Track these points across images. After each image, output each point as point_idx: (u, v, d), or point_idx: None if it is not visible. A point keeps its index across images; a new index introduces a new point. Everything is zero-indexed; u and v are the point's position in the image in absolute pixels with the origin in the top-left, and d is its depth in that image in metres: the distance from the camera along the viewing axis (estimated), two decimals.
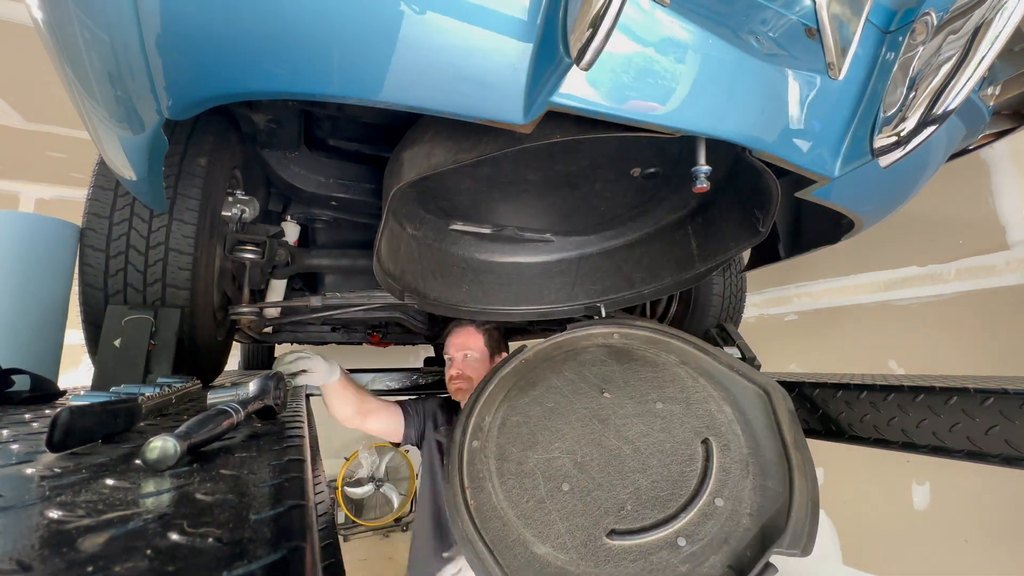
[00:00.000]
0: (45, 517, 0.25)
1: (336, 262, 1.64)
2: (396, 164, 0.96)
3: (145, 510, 0.27)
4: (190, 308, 1.01)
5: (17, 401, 0.74)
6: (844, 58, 0.67)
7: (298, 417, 0.63)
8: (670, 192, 1.32)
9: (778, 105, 0.74)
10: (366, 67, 0.57)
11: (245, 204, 1.20)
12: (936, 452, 0.85)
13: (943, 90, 0.61)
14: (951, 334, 1.80)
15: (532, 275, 1.52)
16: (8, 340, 0.93)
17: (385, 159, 1.07)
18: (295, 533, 0.24)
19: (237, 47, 0.56)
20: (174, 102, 0.62)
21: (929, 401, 0.87)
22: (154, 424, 0.56)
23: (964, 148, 1.13)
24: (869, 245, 2.02)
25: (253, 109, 1.11)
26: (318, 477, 0.86)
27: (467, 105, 0.62)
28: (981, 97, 0.95)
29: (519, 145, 0.74)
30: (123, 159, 0.76)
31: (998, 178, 1.72)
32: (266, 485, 0.32)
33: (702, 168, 0.83)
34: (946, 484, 1.79)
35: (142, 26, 0.55)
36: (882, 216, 1.16)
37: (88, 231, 0.98)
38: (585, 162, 1.18)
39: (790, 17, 0.71)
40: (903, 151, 0.68)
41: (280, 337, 2.42)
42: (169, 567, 0.20)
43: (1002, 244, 1.69)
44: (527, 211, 1.39)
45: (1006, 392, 0.77)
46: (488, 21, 0.55)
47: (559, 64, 0.58)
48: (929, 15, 0.66)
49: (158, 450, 0.35)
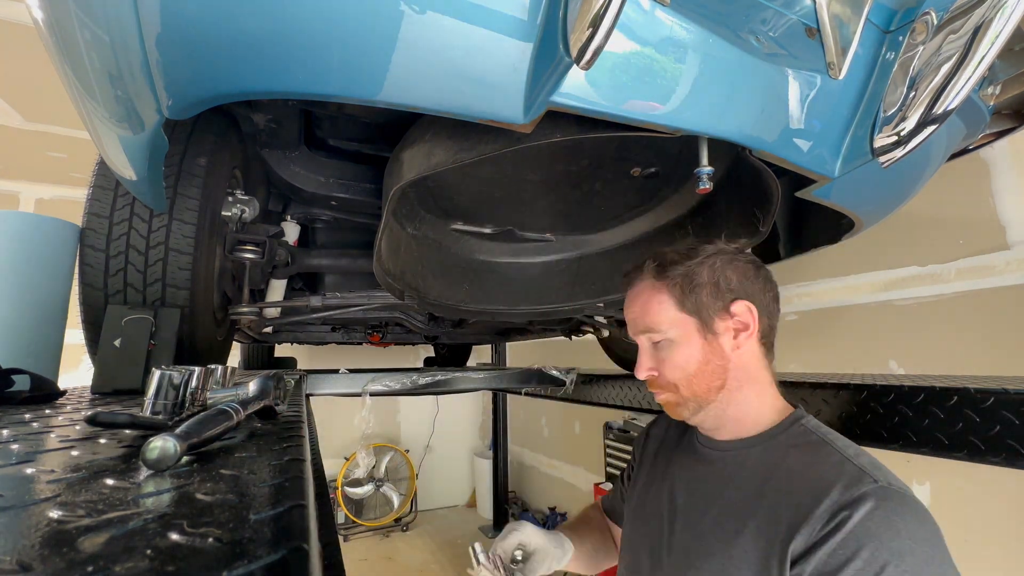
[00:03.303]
0: (45, 517, 0.25)
1: (336, 262, 1.64)
2: (396, 164, 0.96)
3: (145, 510, 0.27)
4: (190, 308, 1.01)
5: (17, 401, 0.74)
6: (844, 58, 0.67)
7: (298, 417, 0.63)
8: (670, 192, 1.32)
9: (778, 105, 0.74)
10: (366, 67, 0.57)
11: (245, 204, 1.20)
12: (936, 452, 0.85)
13: (943, 90, 0.61)
14: (951, 334, 1.80)
15: (532, 275, 1.52)
16: (8, 340, 0.93)
17: (385, 159, 1.07)
18: (295, 533, 0.24)
19: (237, 46, 0.56)
20: (174, 102, 0.62)
21: (929, 401, 0.87)
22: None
23: (964, 148, 1.13)
24: (869, 245, 2.02)
25: (253, 109, 1.11)
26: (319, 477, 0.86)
27: (467, 105, 0.62)
28: (981, 97, 0.95)
29: (519, 145, 0.74)
30: (123, 159, 0.76)
31: (998, 178, 1.72)
32: (266, 485, 0.32)
33: (705, 169, 0.83)
34: (946, 484, 1.79)
35: (142, 26, 0.55)
36: (882, 216, 1.16)
37: (88, 231, 0.98)
38: (585, 162, 1.18)
39: (790, 17, 0.71)
40: (903, 151, 0.68)
41: (280, 337, 2.42)
42: (169, 567, 0.20)
43: (1002, 244, 1.69)
44: (527, 211, 1.39)
45: (1006, 392, 0.77)
46: (488, 20, 0.55)
47: (559, 63, 0.58)
48: (929, 15, 0.66)
49: (158, 450, 0.35)
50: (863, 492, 0.56)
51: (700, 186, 0.84)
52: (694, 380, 0.72)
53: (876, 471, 0.60)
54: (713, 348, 0.72)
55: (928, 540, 0.54)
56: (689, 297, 0.72)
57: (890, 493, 0.56)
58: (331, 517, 0.54)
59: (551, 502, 4.50)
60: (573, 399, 1.90)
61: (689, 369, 0.72)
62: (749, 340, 0.73)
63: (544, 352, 4.56)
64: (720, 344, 0.72)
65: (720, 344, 0.72)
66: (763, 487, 0.66)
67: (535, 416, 4.90)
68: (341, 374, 1.65)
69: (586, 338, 2.44)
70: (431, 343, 3.12)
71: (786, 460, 0.67)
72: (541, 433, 4.82)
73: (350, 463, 4.48)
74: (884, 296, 2.02)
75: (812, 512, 0.58)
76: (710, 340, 0.72)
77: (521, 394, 2.25)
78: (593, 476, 3.75)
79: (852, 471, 0.60)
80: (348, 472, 4.48)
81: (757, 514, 0.64)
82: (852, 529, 0.54)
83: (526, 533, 0.89)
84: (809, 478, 0.62)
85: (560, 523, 4.13)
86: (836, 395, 1.03)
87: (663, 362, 0.75)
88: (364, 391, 1.61)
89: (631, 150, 1.14)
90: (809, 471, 0.63)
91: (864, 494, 0.56)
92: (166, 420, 0.50)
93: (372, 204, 1.40)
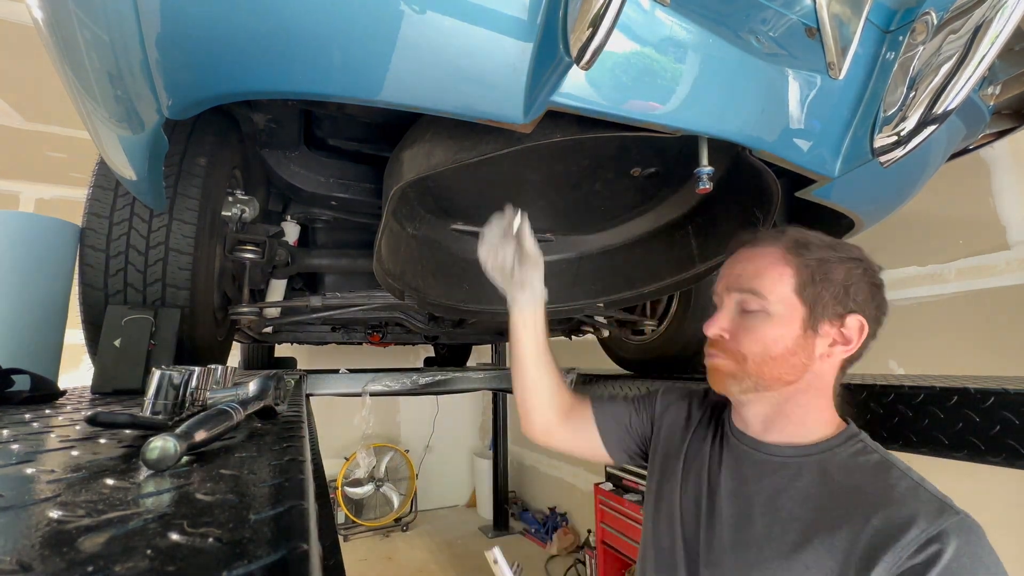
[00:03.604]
0: (45, 517, 0.25)
1: (336, 262, 1.64)
2: (396, 164, 0.96)
3: (145, 510, 0.27)
4: (190, 308, 1.01)
5: (17, 401, 0.74)
6: (844, 58, 0.67)
7: (298, 417, 0.63)
8: (670, 192, 1.32)
9: (778, 105, 0.74)
10: (366, 67, 0.57)
11: (245, 204, 1.20)
12: (936, 452, 0.85)
13: (943, 90, 0.61)
14: (951, 334, 1.80)
15: None
16: (8, 340, 0.93)
17: (385, 159, 1.07)
18: (295, 533, 0.24)
19: (237, 46, 0.56)
20: (174, 102, 0.62)
21: (929, 401, 0.87)
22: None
23: (964, 148, 1.13)
24: (869, 245, 2.02)
25: (253, 109, 1.11)
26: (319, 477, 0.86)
27: (467, 105, 0.62)
28: (981, 97, 0.95)
29: (519, 145, 0.74)
30: (123, 159, 0.76)
31: (998, 178, 1.72)
32: (266, 485, 0.32)
33: (705, 169, 0.83)
34: (946, 484, 1.78)
35: (142, 26, 0.55)
36: (882, 216, 1.16)
37: (88, 231, 0.98)
38: (585, 162, 1.18)
39: (790, 17, 0.71)
40: (903, 151, 0.68)
41: (280, 337, 2.42)
42: (169, 567, 0.20)
43: (1002, 244, 1.69)
44: (527, 211, 1.39)
45: (1006, 392, 0.77)
46: (488, 20, 0.55)
47: (559, 63, 0.58)
48: (929, 15, 0.66)
49: (158, 450, 0.35)
50: (949, 525, 0.57)
51: (700, 186, 0.84)
52: (770, 363, 0.68)
53: (947, 499, 0.60)
54: (806, 344, 0.68)
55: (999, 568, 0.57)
56: (813, 286, 0.68)
57: (972, 526, 0.58)
58: (331, 517, 0.54)
59: (551, 502, 4.50)
60: None
61: (772, 350, 0.68)
62: (841, 355, 0.70)
63: None
64: (814, 344, 0.68)
65: (814, 344, 0.68)
66: (829, 502, 0.64)
67: None
68: (341, 374, 1.65)
69: (586, 338, 2.44)
70: (431, 343, 3.12)
71: (852, 477, 0.65)
72: None
73: (350, 463, 4.48)
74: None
75: (898, 539, 0.57)
76: (808, 336, 0.68)
77: None
78: (593, 476, 3.75)
79: (931, 500, 0.60)
80: (348, 472, 4.48)
81: (824, 529, 0.62)
82: (947, 565, 0.54)
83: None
84: (885, 501, 0.61)
85: (560, 523, 4.15)
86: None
87: (746, 330, 0.70)
88: (364, 391, 1.62)
89: (631, 150, 1.13)
90: (883, 493, 0.62)
91: (951, 527, 0.57)
92: (166, 420, 0.50)
93: (372, 204, 1.40)
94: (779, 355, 0.68)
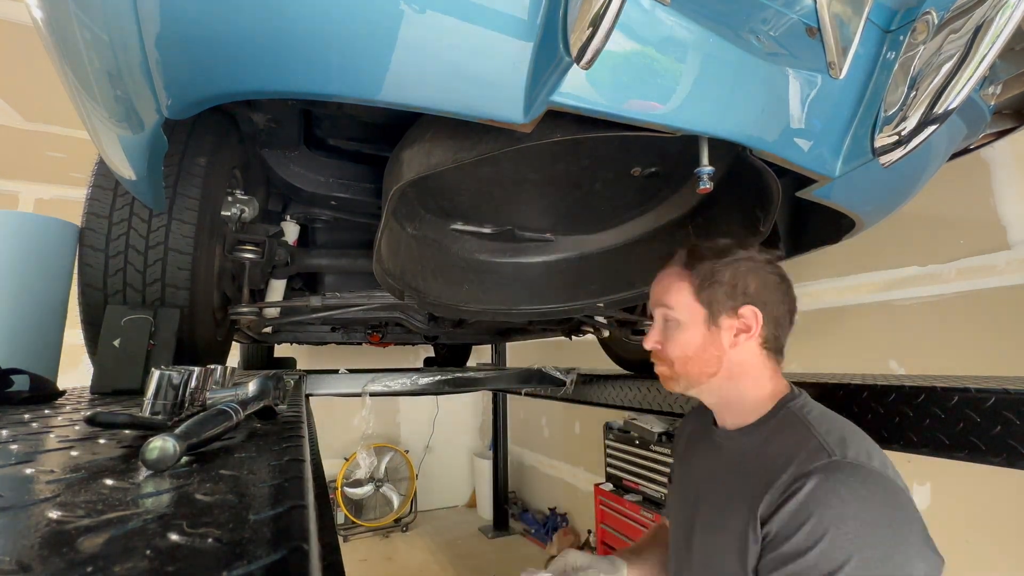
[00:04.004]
0: (45, 517, 0.25)
1: (336, 262, 1.63)
2: (396, 163, 0.96)
3: (145, 510, 0.27)
4: (189, 308, 1.01)
5: (17, 401, 0.74)
6: (845, 57, 0.67)
7: (298, 417, 0.63)
8: (670, 192, 1.32)
9: (779, 104, 0.74)
10: (366, 66, 0.57)
11: (245, 204, 1.20)
12: (937, 452, 0.85)
13: (944, 89, 0.61)
14: (951, 334, 1.80)
15: (532, 275, 1.52)
16: (7, 340, 0.93)
17: (385, 159, 1.07)
18: (295, 533, 0.24)
19: (237, 46, 0.56)
20: (174, 101, 0.62)
21: (930, 401, 0.87)
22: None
23: (965, 147, 1.13)
24: (869, 245, 2.02)
25: (253, 108, 1.11)
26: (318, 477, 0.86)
27: (467, 104, 0.61)
28: (982, 96, 0.94)
29: (519, 144, 0.74)
30: (123, 159, 0.76)
31: (998, 178, 1.72)
32: (266, 485, 0.32)
33: (705, 169, 0.83)
34: (946, 484, 1.78)
35: (141, 25, 0.55)
36: (882, 216, 1.16)
37: (87, 231, 0.98)
38: (585, 162, 1.18)
39: (791, 16, 0.71)
40: (904, 150, 0.67)
41: (280, 337, 2.42)
42: (169, 567, 0.19)
43: (1002, 244, 1.69)
44: (527, 211, 1.39)
45: (1007, 392, 0.77)
46: (488, 20, 0.55)
47: (559, 63, 0.58)
48: (930, 14, 0.66)
49: (158, 450, 0.35)
50: (818, 465, 0.65)
51: (701, 186, 0.84)
52: (690, 361, 0.81)
53: (839, 447, 0.67)
54: (713, 339, 0.80)
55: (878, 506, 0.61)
56: (705, 290, 0.80)
57: (841, 465, 0.64)
58: (331, 517, 0.54)
59: (551, 502, 4.50)
60: (573, 399, 1.90)
61: (688, 351, 0.81)
62: (748, 341, 0.80)
63: (544, 352, 4.56)
64: (720, 337, 0.79)
65: (720, 337, 0.79)
66: (748, 468, 0.75)
67: (535, 416, 4.90)
68: (341, 374, 1.65)
69: (586, 338, 2.44)
70: (431, 343, 3.12)
71: (769, 443, 0.75)
72: (541, 433, 4.82)
73: (350, 463, 4.48)
74: (884, 296, 2.02)
75: (774, 482, 0.67)
76: (712, 331, 0.80)
77: (521, 394, 2.25)
78: (593, 476, 3.75)
79: (815, 446, 0.68)
80: (348, 472, 4.48)
81: (741, 491, 0.73)
82: (804, 497, 0.63)
83: (571, 554, 0.95)
84: (781, 455, 0.70)
85: (560, 523, 4.15)
86: (836, 395, 1.03)
87: (668, 339, 0.83)
88: (364, 391, 1.62)
89: (631, 150, 1.13)
90: (783, 450, 0.71)
91: (819, 467, 0.64)
92: (166, 420, 0.50)
93: (372, 204, 1.40)
94: (694, 354, 0.81)
